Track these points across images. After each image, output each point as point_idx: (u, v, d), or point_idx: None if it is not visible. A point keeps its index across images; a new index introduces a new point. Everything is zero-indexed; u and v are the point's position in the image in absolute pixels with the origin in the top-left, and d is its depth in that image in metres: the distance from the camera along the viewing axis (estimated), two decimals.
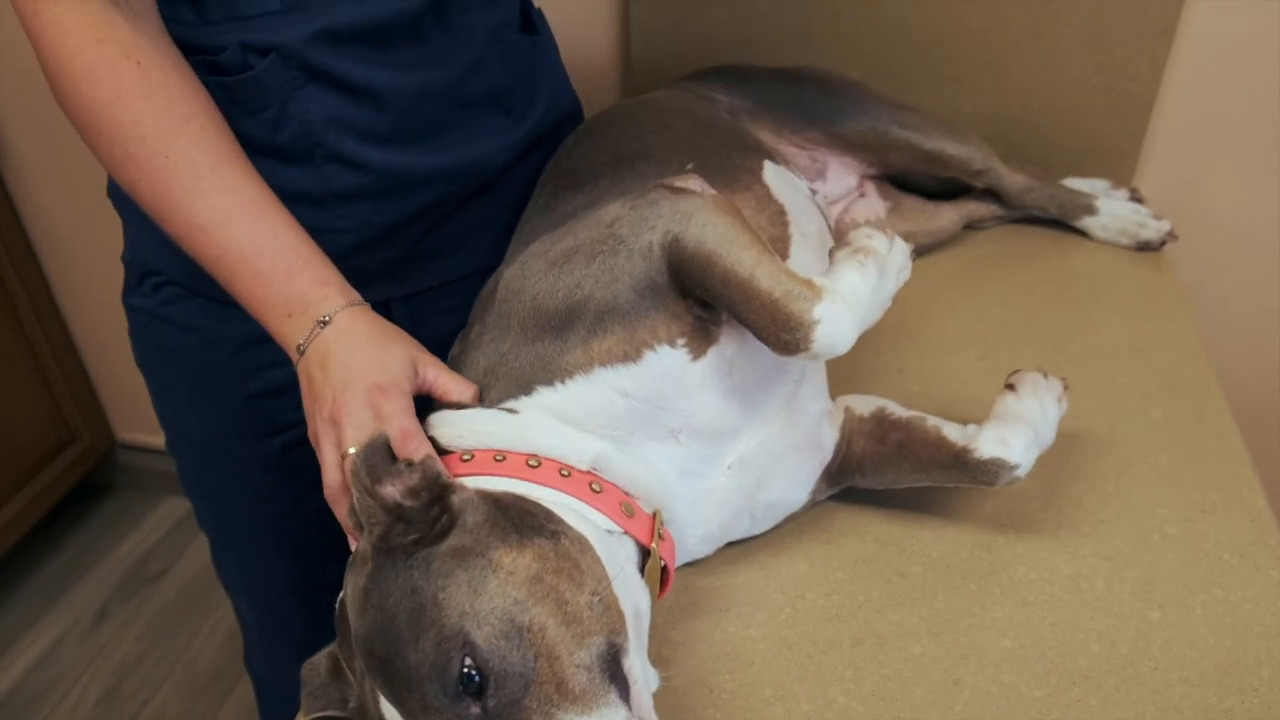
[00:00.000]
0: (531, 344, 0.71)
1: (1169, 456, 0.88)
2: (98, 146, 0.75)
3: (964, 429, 0.78)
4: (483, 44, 0.90)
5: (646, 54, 1.35)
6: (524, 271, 0.74)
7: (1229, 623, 0.73)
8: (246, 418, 0.98)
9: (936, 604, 0.76)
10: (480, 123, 0.92)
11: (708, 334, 0.72)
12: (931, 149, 1.13)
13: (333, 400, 0.71)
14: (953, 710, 0.68)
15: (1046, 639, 0.73)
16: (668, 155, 0.88)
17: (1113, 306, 1.09)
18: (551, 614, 0.59)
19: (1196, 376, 0.98)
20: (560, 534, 0.64)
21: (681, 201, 0.72)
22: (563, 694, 0.57)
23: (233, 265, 0.75)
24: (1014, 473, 0.76)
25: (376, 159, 0.86)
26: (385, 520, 0.60)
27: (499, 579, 0.59)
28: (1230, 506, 0.83)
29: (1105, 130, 1.27)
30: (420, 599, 0.59)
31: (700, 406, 0.72)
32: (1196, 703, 0.68)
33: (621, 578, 0.64)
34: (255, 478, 1.01)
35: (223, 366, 0.96)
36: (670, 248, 0.70)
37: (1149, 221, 1.18)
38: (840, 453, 0.81)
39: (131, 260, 0.97)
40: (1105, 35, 1.22)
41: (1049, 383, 0.82)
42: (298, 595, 1.10)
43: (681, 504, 0.74)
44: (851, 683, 0.71)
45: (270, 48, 0.81)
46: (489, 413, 0.71)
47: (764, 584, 0.78)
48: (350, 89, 0.83)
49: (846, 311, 0.69)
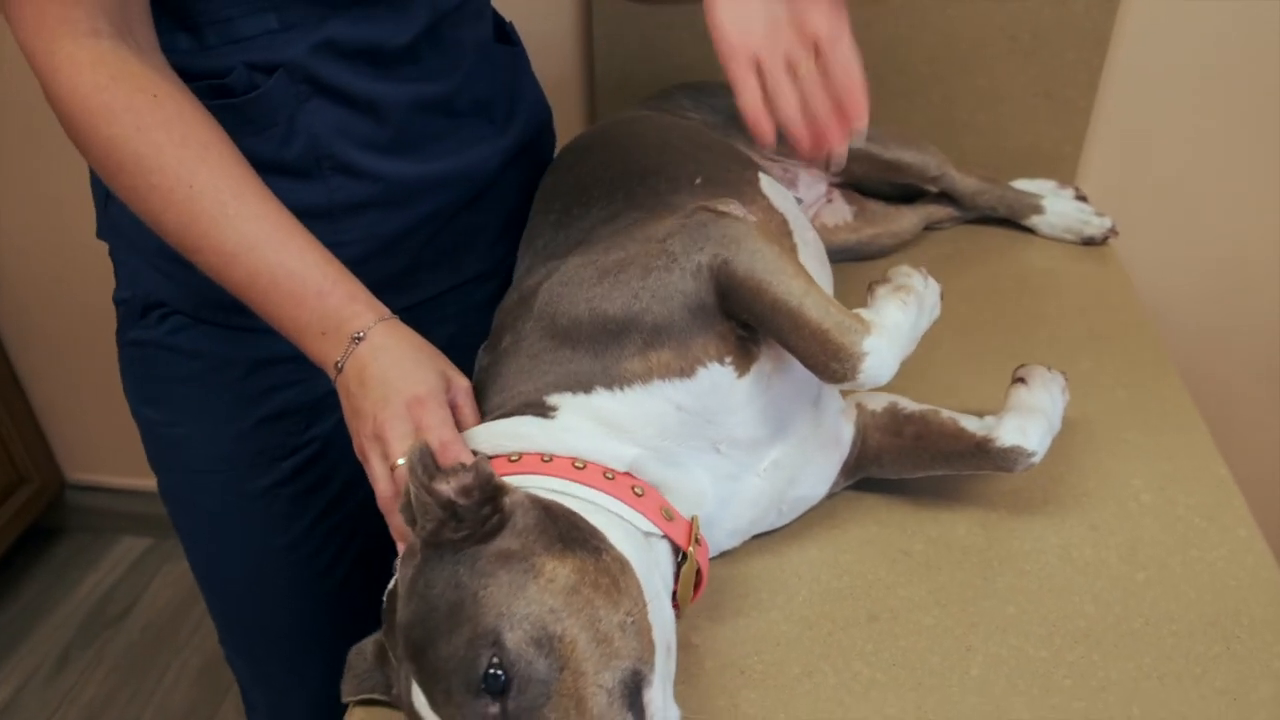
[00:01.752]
0: (588, 347, 0.74)
1: (1136, 433, 0.95)
2: (119, 180, 0.76)
3: (982, 420, 0.83)
4: (470, 57, 0.93)
5: (611, 72, 1.39)
6: (571, 280, 0.77)
7: (1207, 579, 0.80)
8: (256, 443, 0.98)
9: (941, 578, 0.81)
10: (468, 132, 0.95)
11: (749, 353, 0.76)
12: (891, 158, 1.19)
13: (374, 416, 0.73)
14: (968, 674, 0.73)
15: (1046, 604, 0.79)
16: (676, 170, 0.92)
17: (1067, 299, 1.17)
18: (584, 628, 0.60)
19: (1153, 359, 1.05)
20: (603, 551, 0.66)
21: (729, 226, 0.76)
22: (579, 712, 0.58)
23: (264, 289, 0.76)
24: (1031, 459, 0.81)
25: (381, 168, 0.89)
26: (439, 515, 0.62)
27: (538, 585, 0.61)
28: (1196, 475, 0.90)
29: (1048, 135, 1.35)
30: (461, 594, 0.61)
31: (742, 420, 0.76)
32: (1186, 652, 0.74)
33: (657, 604, 0.66)
34: (265, 508, 1.01)
35: (232, 391, 0.97)
36: (719, 270, 0.73)
37: (1092, 219, 1.26)
38: (857, 447, 0.86)
39: (131, 297, 0.97)
40: (1044, 47, 1.30)
41: (1053, 375, 0.89)
42: (308, 634, 1.09)
43: (714, 504, 0.77)
44: (872, 655, 0.75)
45: (275, 65, 0.82)
46: (526, 419, 0.73)
47: (779, 571, 0.83)
48: (353, 101, 0.86)
49: (892, 346, 0.73)
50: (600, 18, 1.35)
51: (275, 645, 1.10)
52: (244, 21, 0.81)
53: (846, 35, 0.73)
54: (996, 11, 1.30)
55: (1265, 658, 0.73)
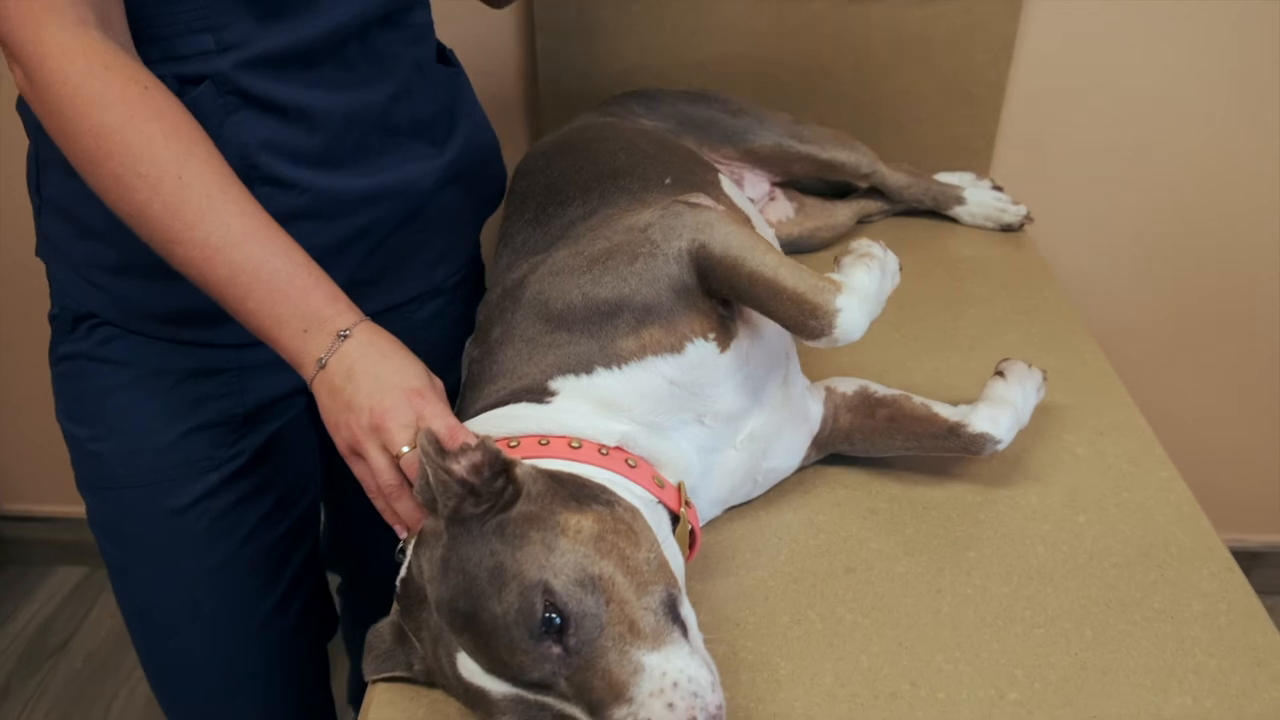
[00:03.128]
0: (584, 329, 0.79)
1: (1065, 394, 1.05)
2: (104, 169, 0.75)
3: (955, 407, 0.91)
4: (406, 73, 0.95)
5: (553, 84, 1.45)
6: (561, 269, 0.83)
7: (1139, 517, 0.90)
8: (181, 454, 0.96)
9: (907, 531, 0.89)
10: (405, 150, 0.96)
11: (729, 329, 0.83)
12: (827, 158, 1.28)
13: (371, 408, 0.75)
14: (940, 612, 0.81)
15: (1001, 547, 0.87)
16: (646, 171, 0.98)
17: (992, 280, 1.27)
18: (617, 567, 0.67)
19: (1072, 330, 1.16)
20: (614, 502, 0.72)
21: (702, 214, 0.83)
22: (634, 633, 0.64)
23: (246, 283, 0.76)
24: (997, 445, 0.89)
25: (309, 180, 0.89)
26: (459, 493, 0.67)
27: (568, 538, 0.67)
28: (1120, 428, 1.00)
29: (963, 131, 1.46)
30: (500, 558, 0.66)
31: (724, 392, 0.83)
32: (1127, 580, 0.83)
33: (668, 543, 0.73)
34: (191, 525, 0.98)
35: (161, 401, 0.95)
36: (697, 253, 0.81)
37: (1009, 207, 1.37)
38: (828, 424, 0.93)
39: (62, 310, 0.96)
40: (956, 51, 1.41)
41: (1031, 372, 0.96)
42: (238, 669, 1.06)
43: (697, 475, 0.83)
44: (853, 601, 0.82)
45: (203, 76, 0.83)
46: (522, 404, 0.79)
47: (759, 534, 0.90)
48: (283, 111, 0.86)
49: (862, 304, 0.81)
50: (542, 36, 1.41)
51: (204, 678, 1.06)
52: (180, 40, 0.82)
53: None
54: (910, 20, 1.40)
55: (1194, 580, 0.83)
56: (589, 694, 0.63)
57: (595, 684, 0.63)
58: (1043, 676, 0.76)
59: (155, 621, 1.04)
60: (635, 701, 0.62)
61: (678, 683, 0.62)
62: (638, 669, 0.63)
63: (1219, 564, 0.85)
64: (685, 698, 0.62)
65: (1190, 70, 1.46)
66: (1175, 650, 0.77)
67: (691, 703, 0.62)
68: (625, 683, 0.62)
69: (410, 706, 0.75)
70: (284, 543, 1.06)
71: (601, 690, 0.63)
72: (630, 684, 0.62)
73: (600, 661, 0.63)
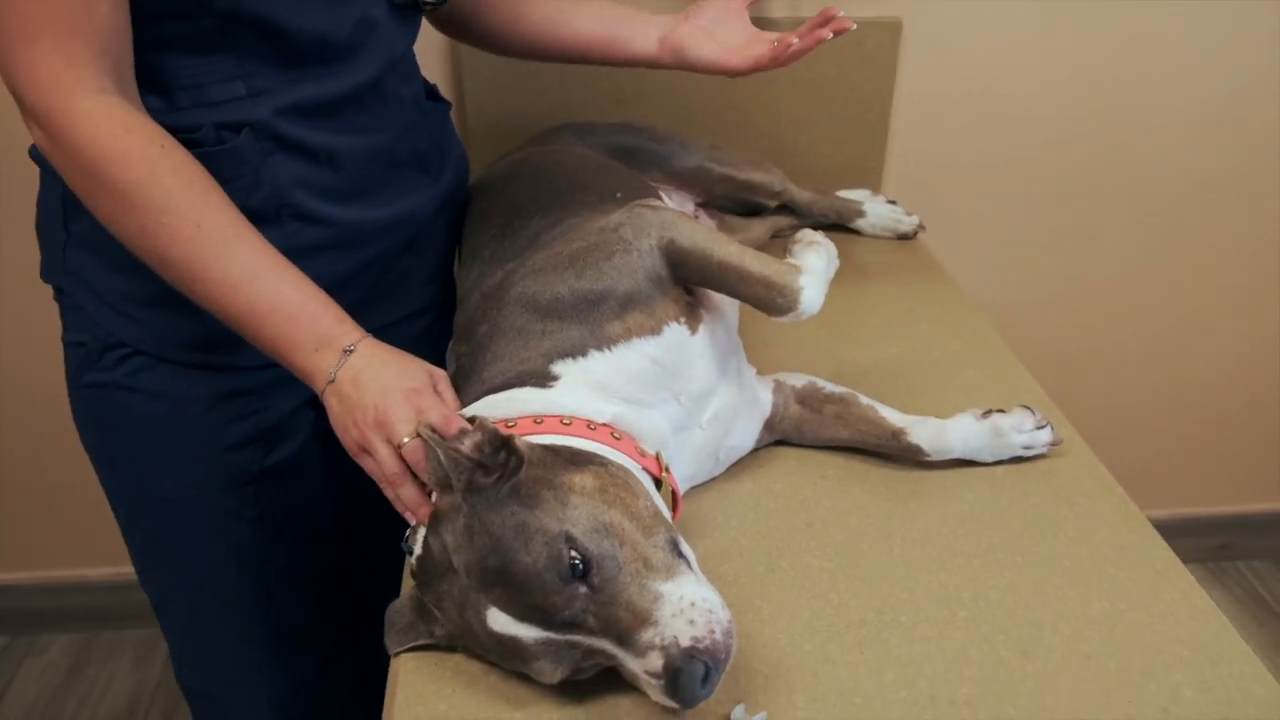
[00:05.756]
0: (573, 316, 0.89)
1: (972, 370, 1.19)
2: (129, 219, 0.83)
3: (902, 415, 1.03)
4: (409, 111, 1.07)
5: (481, 120, 1.55)
6: (542, 268, 0.92)
7: (1047, 466, 1.03)
8: (224, 469, 1.05)
9: (854, 490, 1.01)
10: (408, 181, 1.08)
11: (696, 314, 0.94)
12: (744, 179, 1.41)
13: (374, 407, 0.84)
14: (893, 553, 0.93)
15: (935, 497, 0.99)
16: (599, 187, 1.09)
17: (897, 282, 1.42)
18: (623, 514, 0.76)
19: (970, 318, 1.31)
20: (607, 462, 0.82)
21: (664, 213, 0.94)
22: (648, 568, 0.74)
23: (263, 313, 0.85)
24: (926, 458, 1.01)
25: (335, 214, 1.00)
26: (469, 467, 0.76)
27: (576, 493, 0.76)
28: (1022, 396, 1.14)
29: (856, 152, 1.62)
30: (521, 517, 0.74)
31: (697, 372, 0.93)
32: (1044, 516, 0.97)
33: (657, 498, 0.83)
34: (234, 529, 1.08)
35: (196, 424, 1.03)
36: (667, 247, 0.91)
37: (904, 218, 1.53)
38: (779, 411, 1.04)
39: (90, 339, 1.01)
40: (845, 80, 1.57)
41: (1023, 416, 1.02)
42: (269, 649, 1.16)
43: (670, 451, 0.93)
44: (817, 550, 0.93)
45: (242, 124, 0.92)
46: (526, 389, 0.87)
47: (726, 502, 1.00)
48: (312, 153, 0.96)
49: (818, 283, 0.94)
50: (470, 73, 1.51)
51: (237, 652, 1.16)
52: (215, 88, 0.91)
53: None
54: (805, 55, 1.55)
55: (1098, 512, 0.97)
56: (616, 625, 0.71)
57: (621, 615, 0.71)
58: (985, 597, 0.88)
59: (196, 602, 1.13)
60: (660, 624, 0.71)
61: (695, 603, 0.72)
62: (657, 597, 0.72)
63: (1116, 498, 0.99)
64: (703, 614, 0.71)
65: (1048, 86, 1.66)
66: (1090, 566, 0.91)
67: (709, 618, 0.71)
68: (648, 609, 0.71)
69: (435, 670, 0.82)
70: (309, 555, 1.14)
71: (627, 620, 0.71)
72: (653, 610, 0.71)
73: (622, 595, 0.72)
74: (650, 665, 0.70)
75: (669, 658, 0.70)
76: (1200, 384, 2.01)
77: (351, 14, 0.95)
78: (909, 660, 0.81)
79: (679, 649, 0.70)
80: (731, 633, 0.72)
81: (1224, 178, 1.77)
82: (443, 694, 0.79)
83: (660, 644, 0.70)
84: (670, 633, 0.70)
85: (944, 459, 1.02)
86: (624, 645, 0.72)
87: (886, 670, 0.80)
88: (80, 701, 1.97)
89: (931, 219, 1.57)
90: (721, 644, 0.71)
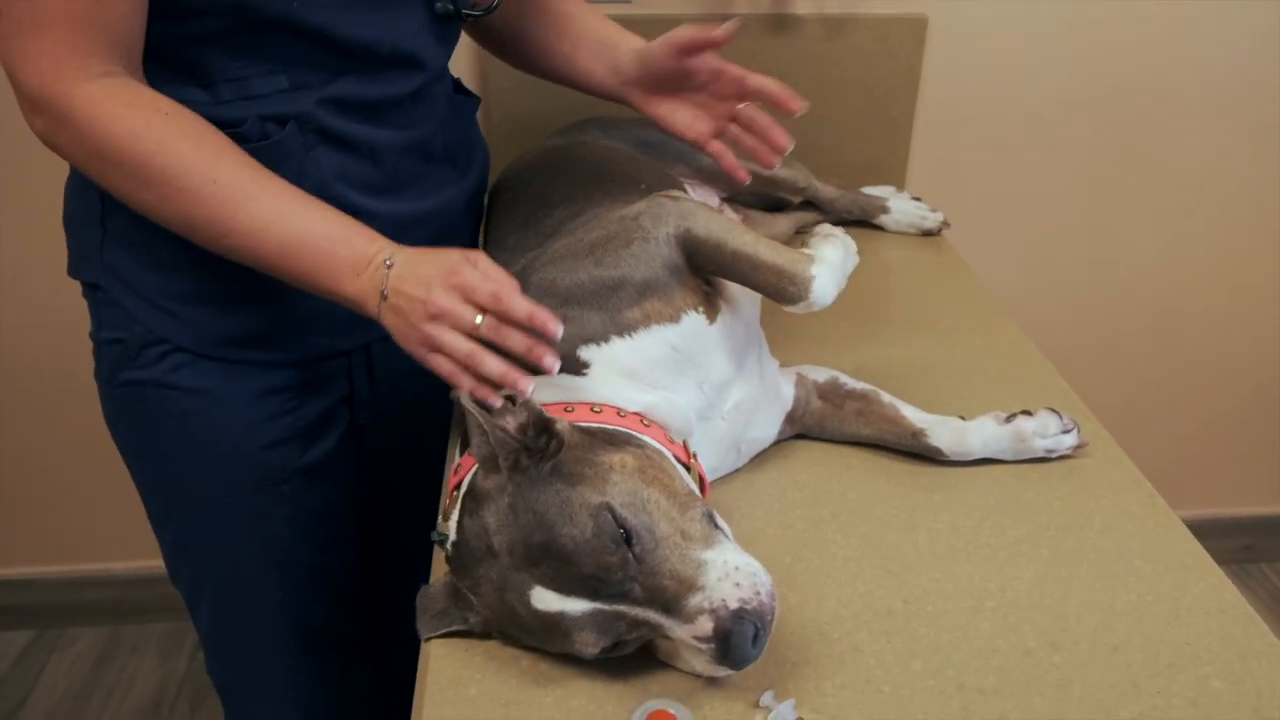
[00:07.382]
0: (592, 303, 0.89)
1: (995, 365, 1.20)
2: (148, 192, 0.84)
3: (924, 415, 1.03)
4: (443, 107, 1.08)
5: (506, 117, 1.56)
6: (563, 255, 0.93)
7: (1072, 461, 1.03)
8: (259, 468, 1.05)
9: (879, 482, 1.01)
10: (440, 175, 1.08)
11: (713, 304, 0.95)
12: (769, 174, 1.41)
13: (424, 301, 0.82)
14: (919, 544, 0.93)
15: (961, 489, 1.00)
16: (624, 180, 1.10)
17: (921, 279, 1.42)
18: (661, 491, 0.77)
19: (994, 315, 1.31)
20: (643, 445, 0.83)
21: (683, 204, 0.95)
22: (688, 539, 0.75)
23: (297, 250, 0.85)
24: (945, 457, 1.02)
25: (375, 207, 0.99)
26: (515, 448, 0.77)
27: (616, 471, 0.77)
28: (1047, 392, 1.14)
29: (880, 149, 1.63)
30: (565, 494, 0.75)
31: (715, 360, 0.94)
32: (1070, 510, 0.97)
33: (689, 478, 0.84)
34: (266, 528, 1.08)
35: (234, 422, 1.03)
36: (684, 237, 0.92)
37: (929, 214, 1.53)
38: (801, 405, 1.05)
39: (128, 336, 1.00)
40: (869, 78, 1.58)
41: (1049, 418, 1.02)
42: (295, 649, 1.17)
43: (694, 442, 0.94)
44: (842, 541, 0.94)
45: (287, 117, 0.92)
46: (562, 376, 0.88)
47: (751, 492, 1.00)
48: (354, 146, 0.97)
49: (831, 274, 0.94)
50: (495, 69, 1.52)
51: (269, 650, 1.17)
52: (258, 80, 0.91)
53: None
54: (829, 51, 1.56)
55: (1125, 505, 0.97)
56: (662, 594, 0.73)
57: (666, 584, 0.73)
58: (1012, 588, 0.88)
59: (227, 595, 1.13)
60: (707, 588, 0.72)
61: (739, 566, 0.73)
62: (700, 564, 0.73)
63: (1143, 492, 0.99)
64: (747, 577, 0.73)
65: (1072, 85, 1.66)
66: (1117, 559, 0.91)
67: (754, 581, 0.73)
68: (693, 576, 0.73)
69: (466, 656, 0.82)
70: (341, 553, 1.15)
71: (674, 588, 0.73)
72: (698, 576, 0.73)
73: (666, 565, 0.73)
74: (700, 630, 0.72)
75: (719, 620, 0.71)
76: (1224, 385, 2.00)
77: (395, 28, 0.95)
78: (936, 649, 0.82)
79: (728, 611, 0.71)
80: (774, 595, 0.74)
81: (1251, 172, 1.76)
82: (473, 678, 0.80)
83: (709, 607, 0.71)
84: (719, 595, 0.72)
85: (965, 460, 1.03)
86: (670, 613, 0.73)
87: (914, 659, 0.81)
88: (108, 693, 2.00)
89: (956, 215, 1.57)
90: (768, 605, 0.73)
